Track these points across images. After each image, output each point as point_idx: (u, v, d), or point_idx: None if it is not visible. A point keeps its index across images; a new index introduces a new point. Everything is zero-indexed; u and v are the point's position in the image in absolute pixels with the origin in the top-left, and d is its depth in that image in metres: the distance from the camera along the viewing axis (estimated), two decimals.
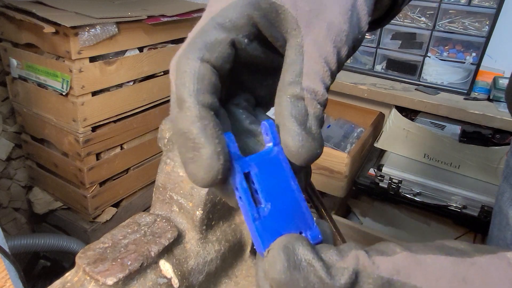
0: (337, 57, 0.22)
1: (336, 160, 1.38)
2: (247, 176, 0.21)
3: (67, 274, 0.29)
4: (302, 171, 0.24)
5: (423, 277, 0.18)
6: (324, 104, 0.22)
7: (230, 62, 0.22)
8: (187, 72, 0.20)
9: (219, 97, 0.21)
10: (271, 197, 0.21)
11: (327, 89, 0.22)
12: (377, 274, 0.18)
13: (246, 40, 0.22)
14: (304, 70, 0.22)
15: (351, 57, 1.62)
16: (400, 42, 1.49)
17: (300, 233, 0.21)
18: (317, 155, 0.21)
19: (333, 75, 0.23)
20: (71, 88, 1.29)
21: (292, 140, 0.21)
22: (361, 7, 0.24)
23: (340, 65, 0.23)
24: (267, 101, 0.27)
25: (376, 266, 0.19)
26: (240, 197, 0.20)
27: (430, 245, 0.20)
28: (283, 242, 0.19)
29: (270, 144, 0.22)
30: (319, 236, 0.21)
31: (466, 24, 1.38)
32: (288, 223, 0.21)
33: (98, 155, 1.45)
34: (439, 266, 0.19)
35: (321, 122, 0.22)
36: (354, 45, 0.24)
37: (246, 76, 0.25)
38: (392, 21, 1.49)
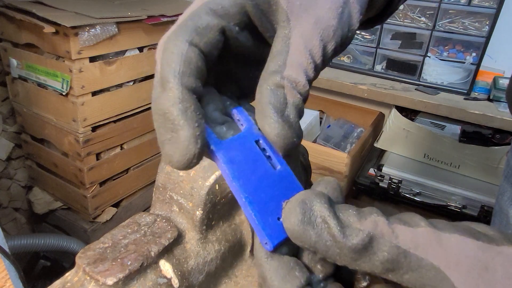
0: (323, 51, 0.22)
1: (336, 160, 1.38)
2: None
3: (67, 274, 0.29)
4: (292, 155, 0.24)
5: (443, 257, 0.18)
6: (305, 96, 0.22)
7: (219, 49, 0.22)
8: (174, 54, 0.20)
9: (203, 83, 0.21)
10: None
11: (310, 81, 0.22)
12: (394, 243, 0.18)
13: (237, 28, 0.23)
14: (288, 60, 0.22)
15: (351, 57, 1.62)
16: (400, 42, 1.49)
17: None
18: (293, 144, 0.21)
19: (317, 69, 0.22)
20: (71, 88, 1.29)
21: (269, 127, 0.21)
22: (353, 5, 0.24)
23: (326, 60, 0.23)
24: (253, 93, 0.26)
25: (395, 235, 0.18)
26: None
27: (457, 225, 0.19)
28: (301, 197, 0.19)
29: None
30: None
31: (466, 24, 1.38)
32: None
33: (98, 155, 1.45)
34: (462, 249, 0.18)
35: (300, 112, 0.22)
36: (343, 42, 0.24)
37: (234, 65, 0.25)
38: (392, 21, 1.49)
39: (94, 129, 1.40)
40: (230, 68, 0.25)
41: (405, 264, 0.18)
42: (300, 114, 0.22)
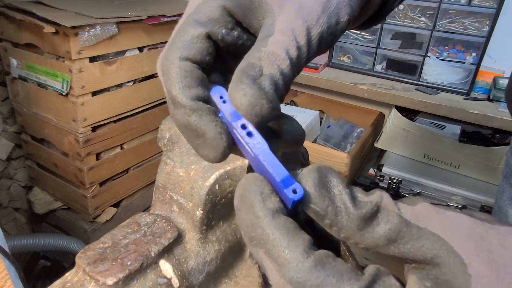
0: (307, 32, 0.22)
1: (336, 160, 1.38)
2: None
3: (67, 274, 0.29)
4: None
5: (441, 227, 0.19)
6: (287, 71, 0.22)
7: (211, 53, 0.23)
8: (171, 72, 0.22)
9: (207, 84, 0.23)
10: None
11: (292, 60, 0.22)
12: (397, 213, 0.19)
13: (224, 30, 0.23)
14: (270, 40, 0.22)
15: (351, 57, 1.62)
16: (400, 42, 1.49)
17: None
18: (265, 110, 0.20)
19: (300, 49, 0.22)
20: (71, 88, 1.29)
21: (235, 88, 0.20)
22: None
23: (312, 45, 0.23)
24: None
25: (398, 208, 0.19)
26: (248, 133, 0.21)
27: (452, 207, 0.21)
28: (318, 165, 0.20)
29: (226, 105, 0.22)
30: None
31: (466, 24, 1.38)
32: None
33: (98, 155, 1.45)
34: (458, 221, 0.19)
35: (276, 85, 0.21)
36: (331, 32, 0.24)
37: (234, 62, 0.26)
38: (392, 21, 1.48)
39: (94, 129, 1.40)
40: (231, 64, 0.26)
41: (407, 233, 0.18)
42: (277, 87, 0.21)
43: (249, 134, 0.20)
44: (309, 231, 0.20)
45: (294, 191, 0.19)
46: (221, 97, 0.22)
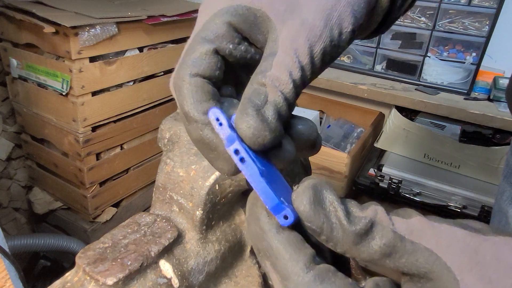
0: (309, 51, 0.23)
1: (336, 160, 1.37)
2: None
3: (67, 274, 0.29)
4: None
5: (435, 241, 0.19)
6: (290, 96, 0.22)
7: (219, 67, 0.24)
8: (182, 89, 0.23)
9: (218, 98, 0.24)
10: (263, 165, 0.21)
11: (295, 81, 0.22)
12: (391, 228, 0.19)
13: (231, 45, 0.24)
14: (274, 61, 0.22)
15: (351, 57, 1.62)
16: (400, 42, 1.49)
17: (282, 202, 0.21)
18: (267, 140, 0.21)
19: (303, 70, 0.23)
20: (71, 88, 1.29)
21: (240, 119, 0.21)
22: (344, 8, 0.24)
23: (315, 61, 0.23)
24: None
25: (392, 223, 0.20)
26: (241, 158, 0.21)
27: (447, 219, 0.21)
28: (312, 181, 0.20)
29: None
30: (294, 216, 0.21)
31: (466, 24, 1.38)
32: (280, 189, 0.21)
33: (98, 155, 1.45)
34: (452, 234, 0.19)
35: (279, 111, 0.22)
36: (334, 45, 0.24)
37: (245, 75, 0.26)
38: None
39: (94, 129, 1.40)
40: (242, 77, 0.27)
41: (401, 248, 0.19)
42: (279, 113, 0.22)
43: (242, 159, 0.21)
44: (316, 241, 0.21)
45: (285, 217, 0.20)
46: (217, 119, 0.22)
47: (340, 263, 0.20)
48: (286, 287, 0.18)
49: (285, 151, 0.23)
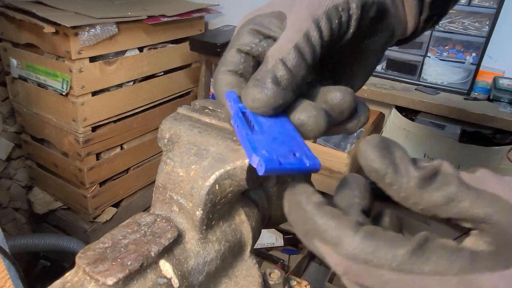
0: (311, 16, 0.25)
1: (336, 160, 1.38)
2: (243, 114, 0.25)
3: (67, 274, 0.29)
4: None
5: (499, 188, 0.19)
6: (292, 59, 0.25)
7: (243, 62, 0.28)
8: (220, 82, 0.27)
9: (239, 85, 0.28)
10: (265, 129, 0.24)
11: (298, 45, 0.25)
12: (457, 175, 0.20)
13: (253, 45, 0.28)
14: (279, 38, 0.26)
15: None
16: None
17: (294, 154, 0.23)
18: (262, 103, 0.24)
19: (307, 34, 0.25)
20: (71, 88, 1.29)
21: (243, 93, 0.25)
22: None
23: (320, 25, 0.26)
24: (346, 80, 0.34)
25: (457, 172, 0.20)
26: (236, 125, 0.24)
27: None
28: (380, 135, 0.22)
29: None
30: (318, 164, 0.23)
31: (466, 24, 1.38)
32: (282, 145, 0.23)
33: (98, 155, 1.45)
34: None
35: (276, 76, 0.24)
36: (343, 8, 0.27)
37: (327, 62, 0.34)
38: None
39: (94, 129, 1.40)
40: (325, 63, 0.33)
41: (465, 193, 0.19)
42: (278, 78, 0.24)
43: (237, 126, 0.24)
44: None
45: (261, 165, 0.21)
46: (229, 101, 0.26)
47: None
48: (340, 253, 0.19)
49: (307, 124, 0.25)
